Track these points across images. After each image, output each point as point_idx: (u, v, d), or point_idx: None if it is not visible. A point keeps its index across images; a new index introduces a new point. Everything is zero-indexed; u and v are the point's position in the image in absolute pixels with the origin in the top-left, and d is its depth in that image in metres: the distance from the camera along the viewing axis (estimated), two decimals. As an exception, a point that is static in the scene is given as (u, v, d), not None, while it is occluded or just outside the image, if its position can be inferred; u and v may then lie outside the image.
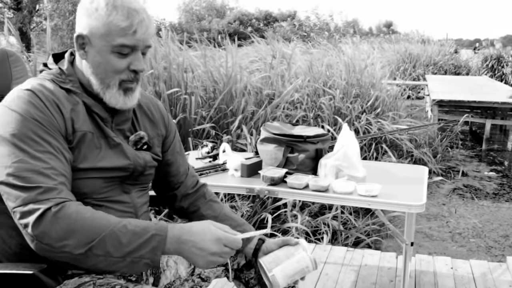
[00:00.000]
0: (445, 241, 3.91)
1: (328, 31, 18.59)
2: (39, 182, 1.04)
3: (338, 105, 5.45)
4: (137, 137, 1.30)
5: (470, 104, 7.91)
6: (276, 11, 34.55)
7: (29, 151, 1.06)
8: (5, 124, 1.08)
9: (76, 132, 1.16)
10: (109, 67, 1.18)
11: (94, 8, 1.16)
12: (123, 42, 1.16)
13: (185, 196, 1.47)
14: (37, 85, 1.15)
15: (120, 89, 1.20)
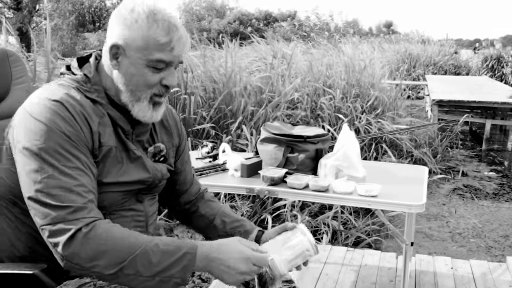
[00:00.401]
0: (445, 241, 3.91)
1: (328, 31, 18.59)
2: (69, 201, 1.03)
3: (338, 105, 5.45)
4: (157, 150, 1.31)
5: (470, 104, 7.91)
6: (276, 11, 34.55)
7: (59, 167, 1.05)
8: (32, 136, 1.06)
9: (102, 147, 1.15)
10: (142, 80, 1.16)
11: (134, 19, 1.13)
12: (161, 57, 1.14)
13: (188, 202, 1.48)
14: (65, 96, 1.11)
15: (150, 103, 1.18)
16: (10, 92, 1.48)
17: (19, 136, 1.09)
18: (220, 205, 1.49)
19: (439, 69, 16.53)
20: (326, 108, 5.22)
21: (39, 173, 1.04)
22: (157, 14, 1.14)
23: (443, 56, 17.58)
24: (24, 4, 20.57)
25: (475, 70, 16.73)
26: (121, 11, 1.16)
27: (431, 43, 20.26)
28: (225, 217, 1.43)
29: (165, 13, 1.16)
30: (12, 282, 1.14)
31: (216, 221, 1.43)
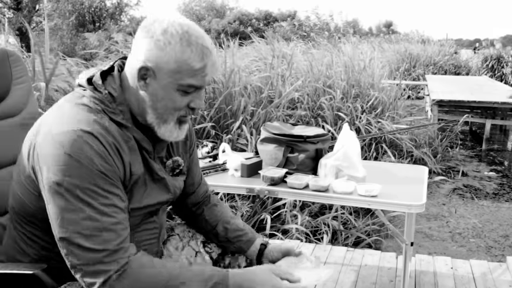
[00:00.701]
0: (445, 241, 3.91)
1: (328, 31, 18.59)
2: (106, 242, 1.03)
3: (338, 105, 5.45)
4: (175, 164, 1.30)
5: (470, 104, 7.90)
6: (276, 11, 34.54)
7: (95, 206, 1.03)
8: (66, 173, 1.02)
9: (132, 176, 1.14)
10: (171, 104, 1.12)
11: (167, 41, 1.08)
12: (192, 83, 1.11)
13: (195, 204, 1.48)
14: (96, 126, 1.07)
15: (176, 123, 1.16)
16: (10, 92, 1.48)
17: (49, 168, 1.04)
18: (225, 210, 1.48)
19: (439, 69, 16.53)
20: (326, 108, 5.22)
21: (76, 213, 1.02)
22: (191, 36, 1.09)
23: (443, 56, 17.58)
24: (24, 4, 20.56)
25: (475, 70, 16.72)
26: (153, 31, 1.10)
27: (431, 43, 20.25)
28: (228, 224, 1.43)
29: (199, 35, 1.11)
30: (12, 282, 1.14)
31: (218, 228, 1.42)
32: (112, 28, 21.36)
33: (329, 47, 8.00)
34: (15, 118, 1.48)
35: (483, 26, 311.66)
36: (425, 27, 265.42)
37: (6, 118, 1.46)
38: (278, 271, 1.17)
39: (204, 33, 1.14)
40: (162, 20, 1.11)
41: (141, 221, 1.23)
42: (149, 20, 1.13)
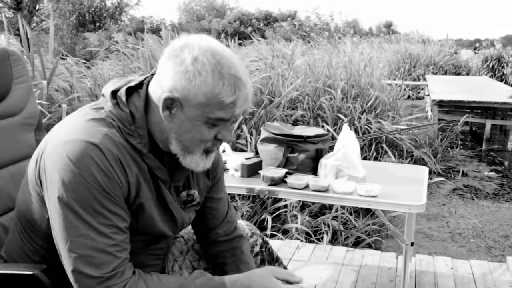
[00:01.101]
0: (445, 241, 3.91)
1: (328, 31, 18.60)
2: (102, 266, 0.99)
3: (338, 105, 5.45)
4: (190, 198, 1.23)
5: (470, 104, 7.90)
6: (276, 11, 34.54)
7: (93, 225, 0.99)
8: (67, 186, 0.99)
9: (137, 199, 1.08)
10: (198, 136, 1.07)
11: (197, 71, 1.01)
12: (221, 116, 1.04)
13: (215, 242, 1.37)
14: (104, 139, 1.01)
15: (202, 154, 1.10)
16: (11, 92, 1.48)
17: (52, 179, 1.02)
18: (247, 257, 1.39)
19: (439, 69, 16.53)
20: (326, 108, 5.22)
21: (72, 230, 0.99)
22: (223, 67, 1.01)
23: (444, 56, 17.58)
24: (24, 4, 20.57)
25: (475, 70, 16.72)
26: (183, 59, 1.02)
27: (431, 43, 20.25)
28: (242, 264, 1.35)
29: (232, 64, 1.03)
30: (12, 282, 1.14)
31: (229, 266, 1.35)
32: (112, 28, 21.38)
33: (329, 47, 8.00)
34: (15, 118, 1.48)
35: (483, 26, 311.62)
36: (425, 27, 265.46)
37: (6, 118, 1.45)
38: (279, 272, 1.15)
39: (238, 61, 1.06)
40: (192, 46, 1.03)
41: (145, 246, 1.19)
42: (179, 44, 1.05)
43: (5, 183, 1.40)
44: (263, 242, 1.49)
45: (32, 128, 1.52)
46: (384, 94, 6.24)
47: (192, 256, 1.39)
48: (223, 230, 1.37)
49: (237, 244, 1.37)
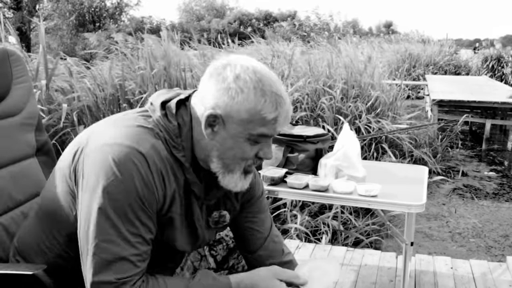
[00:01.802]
0: (445, 241, 3.91)
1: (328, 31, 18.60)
2: (119, 272, 0.99)
3: (338, 105, 5.45)
4: (222, 219, 1.22)
5: (470, 104, 7.90)
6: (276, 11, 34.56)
7: (121, 231, 0.99)
8: (102, 184, 0.99)
9: (168, 213, 1.08)
10: (240, 153, 1.07)
11: (240, 88, 1.02)
12: (263, 132, 1.06)
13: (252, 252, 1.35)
14: (151, 149, 1.02)
15: (242, 174, 1.10)
16: (11, 92, 1.48)
17: (89, 175, 1.01)
18: None
19: (439, 69, 16.53)
20: (326, 108, 5.22)
21: (101, 233, 0.99)
22: (265, 84, 1.03)
23: (443, 56, 17.58)
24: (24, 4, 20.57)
25: (475, 70, 16.72)
26: (224, 76, 1.04)
27: (431, 43, 20.26)
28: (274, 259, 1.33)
29: (272, 82, 1.05)
30: (12, 282, 1.14)
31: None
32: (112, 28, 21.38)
33: (329, 47, 8.00)
34: (15, 118, 1.48)
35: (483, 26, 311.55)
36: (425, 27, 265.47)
37: (6, 118, 1.45)
38: (283, 274, 1.14)
39: (278, 79, 1.08)
40: (234, 64, 1.05)
41: (161, 260, 1.18)
42: (221, 63, 1.07)
43: (5, 183, 1.40)
44: None
45: (32, 128, 1.52)
46: (384, 94, 6.24)
47: (193, 257, 1.39)
48: (267, 252, 1.34)
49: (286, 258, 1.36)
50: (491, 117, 8.04)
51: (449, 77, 13.62)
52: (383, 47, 16.87)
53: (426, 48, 17.83)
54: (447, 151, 6.86)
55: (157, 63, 4.61)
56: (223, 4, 36.23)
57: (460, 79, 13.04)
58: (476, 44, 23.63)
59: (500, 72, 15.23)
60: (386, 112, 6.10)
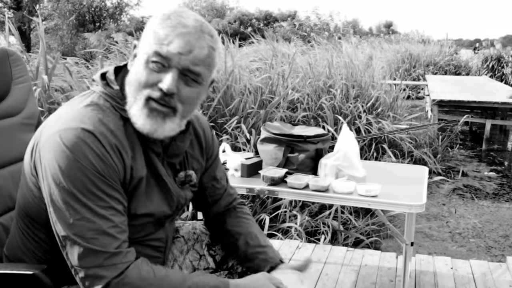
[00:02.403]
0: (445, 241, 3.91)
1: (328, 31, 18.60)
2: (103, 245, 1.01)
3: (339, 104, 5.45)
4: (188, 179, 1.25)
5: (470, 104, 7.90)
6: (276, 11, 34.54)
7: (92, 207, 1.01)
8: (64, 171, 1.01)
9: (133, 179, 1.10)
10: (139, 77, 1.06)
11: (156, 19, 1.08)
12: (156, 49, 1.04)
13: (217, 214, 1.41)
14: (98, 125, 1.04)
15: (145, 107, 1.06)
16: (10, 92, 1.48)
17: (48, 167, 1.03)
18: (251, 225, 1.40)
19: (439, 69, 16.53)
20: (327, 108, 5.22)
21: (72, 213, 1.00)
22: (177, 14, 1.07)
23: (444, 56, 17.58)
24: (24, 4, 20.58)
25: (475, 70, 16.72)
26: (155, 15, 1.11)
27: (431, 43, 20.26)
28: (251, 239, 1.34)
29: (186, 15, 1.07)
30: (12, 282, 1.14)
31: (240, 242, 1.34)
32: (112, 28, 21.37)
33: (330, 47, 8.00)
34: (15, 118, 1.48)
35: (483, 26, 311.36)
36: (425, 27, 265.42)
37: (6, 118, 1.45)
38: (276, 279, 1.16)
39: (200, 19, 1.08)
40: None
41: (146, 235, 1.19)
42: None
43: (5, 183, 1.40)
44: None
45: (32, 128, 1.52)
46: (384, 94, 6.24)
47: (192, 256, 1.39)
48: (224, 202, 1.41)
49: (239, 211, 1.42)
50: (491, 117, 8.04)
51: (449, 77, 13.61)
52: (383, 47, 16.87)
53: (426, 48, 17.83)
54: (447, 151, 6.86)
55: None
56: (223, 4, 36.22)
57: (460, 79, 13.04)
58: (476, 44, 23.61)
59: (500, 72, 15.23)
60: (386, 112, 6.10)
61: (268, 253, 1.32)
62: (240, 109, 4.50)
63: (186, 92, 1.07)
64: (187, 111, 1.11)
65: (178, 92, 1.06)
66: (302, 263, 1.28)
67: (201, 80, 1.09)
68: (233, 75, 4.79)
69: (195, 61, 1.05)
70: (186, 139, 1.22)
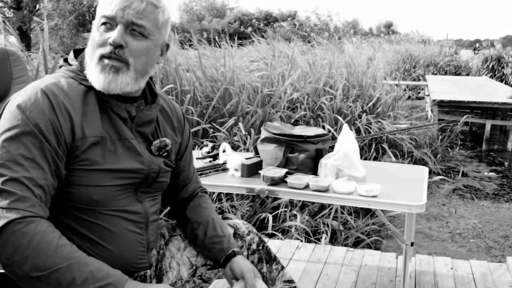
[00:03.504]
0: (445, 242, 3.91)
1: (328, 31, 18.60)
2: (13, 190, 0.99)
3: (339, 104, 5.45)
4: (162, 144, 1.28)
5: (470, 105, 7.91)
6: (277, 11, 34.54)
7: (13, 154, 1.01)
8: (4, 119, 1.06)
9: (86, 138, 1.11)
10: (92, 41, 1.15)
11: None
12: (102, 13, 1.14)
13: (181, 201, 1.45)
14: (51, 85, 1.11)
15: (98, 64, 1.13)
16: (11, 91, 1.49)
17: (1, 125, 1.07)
18: (209, 213, 1.42)
19: (439, 70, 16.54)
20: (326, 108, 5.22)
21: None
22: None
23: (444, 56, 17.58)
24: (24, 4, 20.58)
25: (475, 70, 16.72)
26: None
27: (431, 43, 20.26)
28: (208, 229, 1.37)
29: None
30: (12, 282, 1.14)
31: (198, 231, 1.37)
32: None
33: (331, 47, 8.00)
34: (15, 118, 1.47)
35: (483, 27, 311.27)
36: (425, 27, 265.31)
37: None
38: None
39: None
40: None
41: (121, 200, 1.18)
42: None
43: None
44: (259, 240, 1.48)
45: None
46: (384, 94, 6.24)
47: (189, 253, 1.40)
48: (192, 188, 1.46)
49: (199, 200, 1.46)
50: (491, 118, 8.05)
51: (449, 78, 13.62)
52: (383, 47, 16.88)
53: (427, 49, 17.83)
54: (447, 152, 6.86)
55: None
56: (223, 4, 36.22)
57: (460, 79, 13.04)
58: (476, 44, 23.62)
59: (500, 72, 15.23)
60: (386, 112, 6.10)
61: (223, 243, 1.35)
62: (239, 109, 4.50)
63: (134, 45, 1.14)
64: (140, 65, 1.17)
65: (127, 45, 1.13)
66: None
67: (147, 34, 1.15)
68: (231, 74, 4.79)
69: (137, 15, 1.13)
70: (153, 109, 1.25)
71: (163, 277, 1.35)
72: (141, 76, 1.18)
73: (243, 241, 1.45)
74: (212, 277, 1.42)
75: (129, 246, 1.20)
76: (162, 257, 1.37)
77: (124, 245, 1.19)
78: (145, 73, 1.20)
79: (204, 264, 1.41)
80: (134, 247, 1.22)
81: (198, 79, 4.84)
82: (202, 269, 1.41)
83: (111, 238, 1.17)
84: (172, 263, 1.37)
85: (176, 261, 1.38)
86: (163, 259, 1.37)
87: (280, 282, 1.47)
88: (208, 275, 1.42)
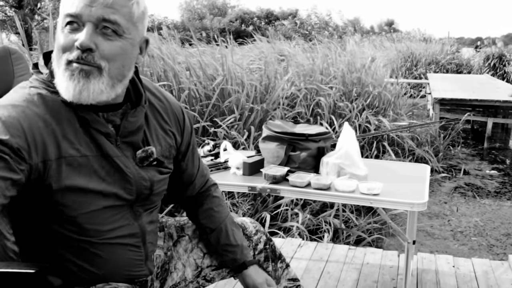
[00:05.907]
0: (447, 240, 3.91)
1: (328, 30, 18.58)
2: None
3: (338, 103, 5.44)
4: (145, 153, 1.14)
5: (472, 103, 7.90)
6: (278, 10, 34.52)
7: None
8: None
9: (62, 157, 1.00)
10: (57, 44, 1.00)
11: None
12: (66, 11, 0.99)
13: (191, 199, 1.40)
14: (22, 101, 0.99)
15: (66, 70, 0.99)
16: (12, 90, 1.48)
17: None
18: (224, 220, 1.38)
19: (441, 68, 16.52)
20: (326, 106, 5.21)
21: None
22: None
23: (445, 54, 17.56)
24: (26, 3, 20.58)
25: (477, 68, 16.71)
26: None
27: (433, 41, 20.23)
28: (221, 236, 1.35)
29: None
30: (12, 281, 1.14)
31: (211, 237, 1.36)
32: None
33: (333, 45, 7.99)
34: (17, 116, 1.47)
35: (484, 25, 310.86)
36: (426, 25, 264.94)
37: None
38: None
39: None
40: None
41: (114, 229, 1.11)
42: None
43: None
44: (267, 239, 1.48)
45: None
46: (385, 92, 6.24)
47: (196, 254, 1.39)
48: (199, 183, 1.39)
49: (211, 200, 1.40)
50: (493, 116, 8.04)
51: (450, 76, 13.60)
52: (384, 45, 16.86)
53: (428, 47, 17.80)
54: (449, 150, 6.86)
55: (159, 61, 4.61)
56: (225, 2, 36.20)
57: (462, 77, 13.02)
58: (477, 42, 23.59)
59: (502, 70, 15.22)
60: (387, 110, 6.10)
61: (237, 253, 1.35)
62: (239, 107, 4.50)
63: (106, 47, 1.00)
64: (115, 69, 1.02)
65: (97, 48, 0.99)
66: None
67: (121, 32, 1.01)
68: (232, 72, 4.79)
69: (107, 9, 0.98)
70: (138, 113, 1.12)
71: (168, 277, 1.34)
72: (118, 81, 1.04)
73: (250, 241, 1.43)
74: (216, 277, 1.42)
75: (122, 263, 1.15)
76: (170, 259, 1.35)
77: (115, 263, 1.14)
78: (123, 78, 1.05)
79: (210, 265, 1.40)
80: (129, 263, 1.17)
81: (198, 77, 4.85)
82: (206, 270, 1.40)
83: (102, 264, 1.12)
84: (178, 265, 1.36)
85: (182, 263, 1.37)
86: (170, 260, 1.35)
87: (284, 280, 1.46)
88: (212, 275, 1.41)
